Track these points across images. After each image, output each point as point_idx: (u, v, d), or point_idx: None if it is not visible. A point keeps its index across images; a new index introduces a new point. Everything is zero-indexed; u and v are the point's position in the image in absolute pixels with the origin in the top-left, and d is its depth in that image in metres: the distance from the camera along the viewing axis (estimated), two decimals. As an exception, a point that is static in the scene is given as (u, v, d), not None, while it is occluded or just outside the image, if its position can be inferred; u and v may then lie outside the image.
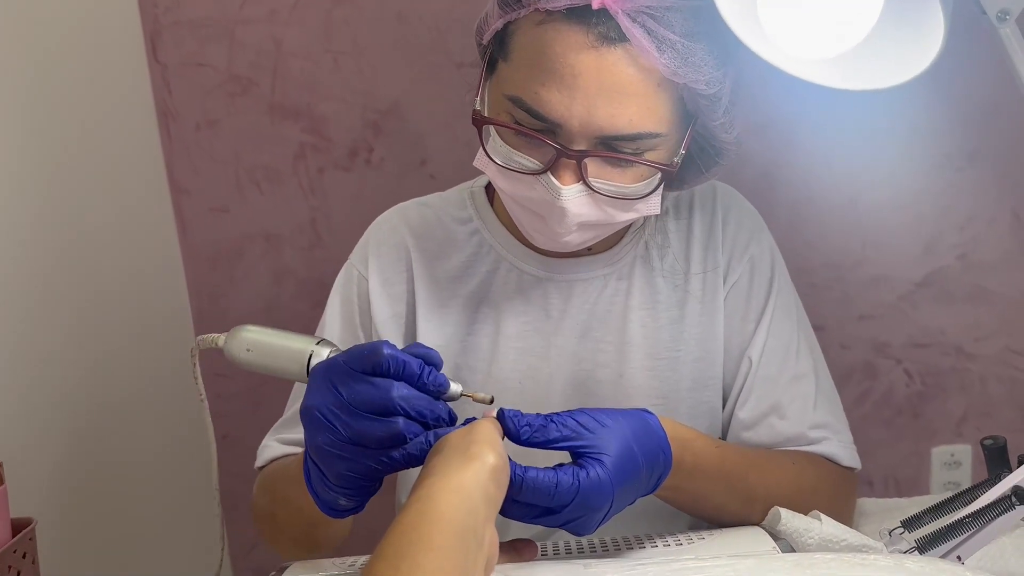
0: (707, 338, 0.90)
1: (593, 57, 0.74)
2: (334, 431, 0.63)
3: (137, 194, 1.33)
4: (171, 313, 1.40)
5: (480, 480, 0.58)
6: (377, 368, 0.64)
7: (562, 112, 0.74)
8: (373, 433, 0.63)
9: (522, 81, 0.76)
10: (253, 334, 0.69)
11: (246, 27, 1.34)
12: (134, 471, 1.26)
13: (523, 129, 0.77)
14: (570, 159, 0.76)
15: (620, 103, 0.74)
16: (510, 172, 0.79)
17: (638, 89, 0.74)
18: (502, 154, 0.79)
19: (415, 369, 0.64)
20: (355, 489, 0.66)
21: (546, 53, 0.75)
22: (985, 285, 1.44)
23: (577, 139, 0.76)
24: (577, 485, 0.63)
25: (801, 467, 0.86)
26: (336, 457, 0.64)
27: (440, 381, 0.66)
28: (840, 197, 1.41)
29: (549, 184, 0.77)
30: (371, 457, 0.64)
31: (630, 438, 0.67)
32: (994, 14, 0.59)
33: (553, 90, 0.74)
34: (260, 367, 0.69)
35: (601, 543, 0.73)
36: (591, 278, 0.90)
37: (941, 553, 0.68)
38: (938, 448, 1.52)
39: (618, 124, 0.75)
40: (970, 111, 1.37)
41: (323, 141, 1.39)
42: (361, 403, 0.63)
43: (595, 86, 0.74)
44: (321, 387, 0.64)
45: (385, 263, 0.92)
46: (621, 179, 0.78)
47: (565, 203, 0.77)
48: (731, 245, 0.91)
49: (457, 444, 0.60)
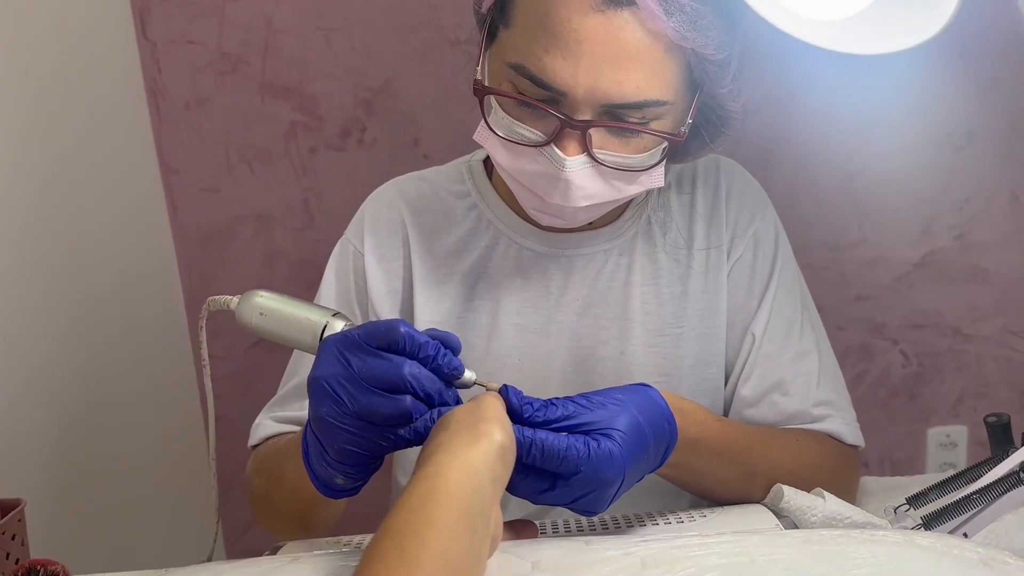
0: (710, 314, 0.89)
1: (599, 21, 0.72)
2: (340, 403, 0.62)
3: (127, 174, 1.31)
4: (162, 294, 1.39)
5: (488, 459, 0.56)
6: (393, 345, 0.62)
7: (567, 79, 0.73)
8: (380, 409, 0.62)
9: (524, 47, 0.74)
10: (267, 300, 0.68)
11: (236, 4, 1.31)
12: (127, 452, 1.24)
13: (526, 98, 0.75)
14: (574, 129, 0.74)
15: (627, 69, 0.72)
16: (512, 145, 0.77)
17: (645, 54, 0.72)
18: (504, 126, 0.78)
19: (430, 351, 0.63)
20: (354, 466, 0.64)
21: (550, 17, 0.73)
22: (983, 266, 1.44)
23: (582, 108, 0.74)
24: (588, 452, 0.62)
25: (805, 444, 0.85)
26: (339, 430, 0.63)
27: (455, 365, 0.64)
28: (837, 177, 1.40)
29: (553, 156, 0.75)
30: (375, 433, 0.62)
31: (635, 412, 0.66)
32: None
33: (557, 56, 0.72)
34: (270, 334, 0.68)
35: (601, 522, 0.72)
36: (592, 253, 0.89)
37: (947, 530, 0.67)
38: (934, 429, 1.52)
39: (625, 91, 0.73)
40: (969, 91, 1.36)
41: (315, 120, 1.37)
42: (371, 377, 0.62)
43: (601, 51, 0.72)
44: (330, 358, 0.63)
45: (381, 238, 0.91)
46: (626, 150, 0.76)
47: (569, 175, 0.75)
48: (735, 221, 0.90)
49: (464, 420, 0.59)
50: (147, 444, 1.29)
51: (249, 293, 0.69)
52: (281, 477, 0.79)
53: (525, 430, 0.62)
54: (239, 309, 0.68)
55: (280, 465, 0.80)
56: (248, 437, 0.93)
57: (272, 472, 0.83)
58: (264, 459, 0.87)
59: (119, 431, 1.23)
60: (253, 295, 0.68)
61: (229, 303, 0.69)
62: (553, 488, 0.63)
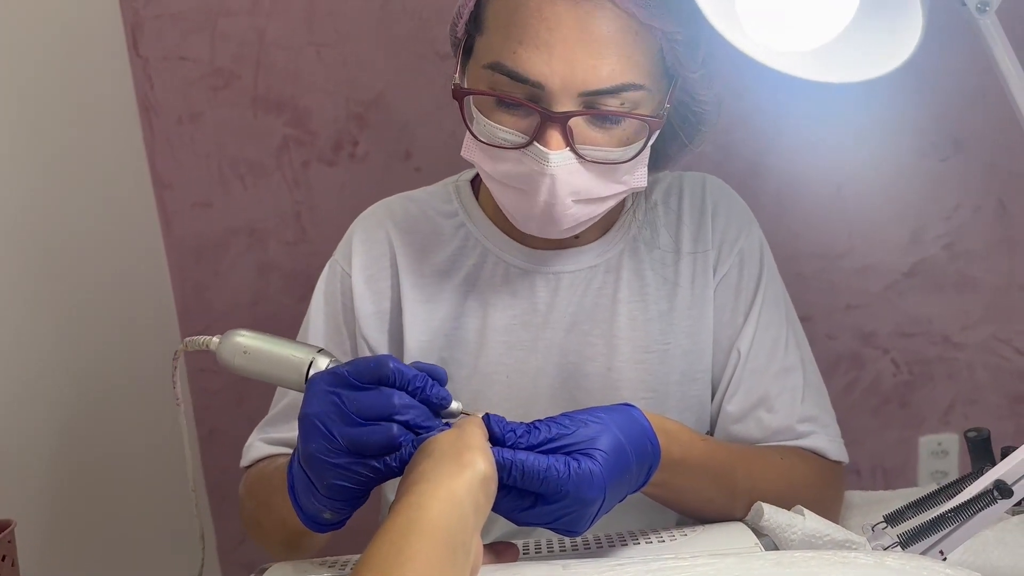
0: (696, 331, 0.90)
1: (569, 7, 0.73)
2: (330, 439, 0.63)
3: (119, 189, 1.32)
4: (155, 308, 1.40)
5: (471, 489, 0.57)
6: (383, 381, 0.64)
7: (542, 69, 0.74)
8: (369, 439, 0.62)
9: (499, 45, 0.76)
10: (249, 339, 0.68)
11: (228, 19, 1.32)
12: (118, 468, 1.25)
13: (504, 95, 0.76)
14: (555, 122, 0.75)
15: (600, 54, 0.73)
16: (497, 150, 0.78)
17: (617, 38, 0.74)
18: (487, 133, 0.78)
19: (419, 383, 0.65)
20: (343, 501, 0.65)
21: (520, 11, 0.74)
22: (971, 274, 1.45)
23: (560, 98, 0.75)
24: (568, 473, 0.62)
25: (789, 462, 0.86)
26: (329, 465, 0.64)
27: (443, 395, 0.66)
28: (826, 187, 1.41)
29: (536, 153, 0.76)
30: (364, 465, 0.63)
31: (617, 432, 0.66)
32: (974, 5, 0.58)
33: (531, 48, 0.74)
34: (254, 373, 0.69)
35: (584, 541, 0.73)
36: (579, 270, 0.90)
37: (924, 548, 0.68)
38: (925, 437, 1.53)
39: (600, 75, 0.74)
40: (955, 100, 1.37)
41: (307, 134, 1.38)
42: (361, 410, 0.63)
43: (574, 37, 0.73)
44: (320, 395, 0.64)
45: (369, 259, 0.92)
46: (607, 142, 0.77)
47: (554, 169, 0.76)
48: (720, 238, 0.91)
49: (447, 449, 0.59)
50: (140, 460, 1.30)
51: (230, 333, 0.69)
52: (269, 506, 0.80)
53: (505, 451, 0.63)
54: (220, 349, 0.69)
55: (268, 495, 0.81)
56: (240, 449, 0.94)
57: (261, 500, 0.84)
58: (254, 485, 0.88)
59: (112, 447, 1.24)
60: (234, 334, 0.69)
61: (208, 343, 0.70)
62: (534, 507, 0.64)
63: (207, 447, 1.47)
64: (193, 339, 0.71)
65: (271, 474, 0.83)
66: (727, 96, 1.31)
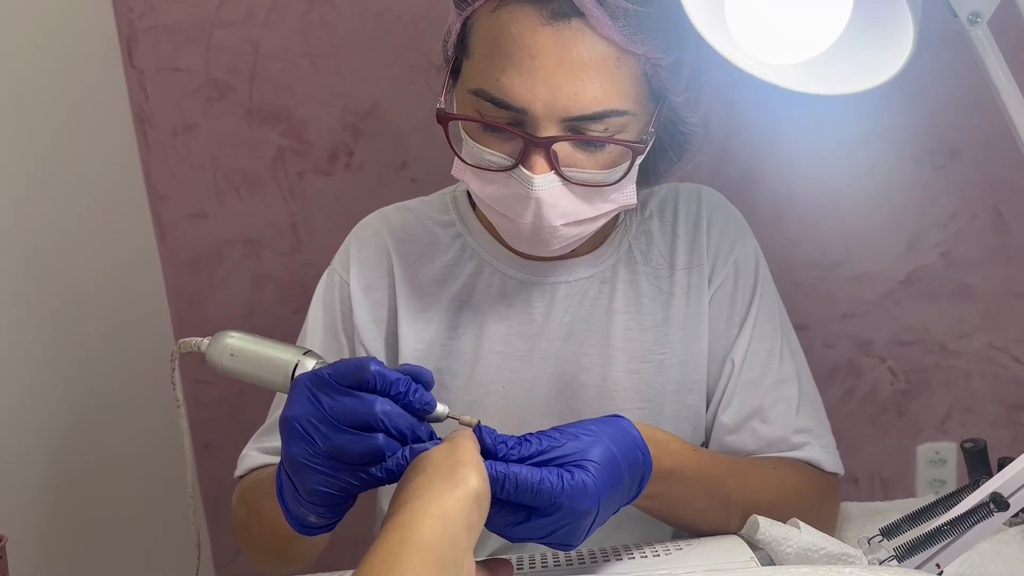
0: (691, 341, 0.90)
1: (549, 34, 0.73)
2: (311, 443, 0.62)
3: (115, 200, 1.31)
4: (151, 319, 1.39)
5: (464, 507, 0.56)
6: (363, 384, 0.63)
7: (525, 95, 0.74)
8: (352, 448, 0.62)
9: (483, 72, 0.76)
10: (237, 340, 0.67)
11: (222, 31, 1.32)
12: (114, 479, 1.25)
13: (489, 120, 0.76)
14: (539, 147, 0.75)
15: (582, 80, 0.74)
16: (484, 172, 0.79)
17: (598, 63, 0.74)
18: (473, 155, 0.79)
19: (402, 387, 0.63)
20: (326, 506, 0.65)
21: (503, 38, 0.75)
22: (968, 282, 1.45)
23: (544, 124, 0.75)
24: (562, 485, 0.62)
25: (783, 473, 0.85)
26: (310, 470, 0.63)
27: (426, 400, 0.64)
28: (822, 196, 1.40)
29: (521, 176, 0.76)
30: (347, 472, 0.63)
31: (609, 443, 0.66)
32: (965, 17, 0.58)
33: (514, 74, 0.74)
34: (242, 375, 0.68)
35: (578, 556, 0.73)
36: (574, 281, 0.90)
37: (920, 561, 0.68)
38: (923, 446, 1.52)
39: (583, 102, 0.74)
40: (951, 108, 1.37)
41: (302, 145, 1.37)
42: (342, 416, 0.62)
43: (555, 63, 0.73)
44: (302, 398, 0.63)
45: (366, 268, 0.92)
46: (593, 165, 0.77)
47: (539, 193, 0.76)
48: (716, 248, 0.91)
49: (441, 465, 0.59)
50: (136, 471, 1.30)
51: (219, 334, 0.68)
52: (259, 512, 0.80)
53: (498, 465, 0.62)
54: (209, 351, 0.68)
55: (258, 500, 0.81)
56: (235, 462, 0.94)
57: (251, 506, 0.83)
58: (245, 492, 0.87)
59: (108, 458, 1.23)
60: (223, 336, 0.68)
61: (199, 345, 0.69)
62: (528, 520, 0.63)
63: (202, 460, 1.47)
64: (186, 340, 0.70)
65: (262, 480, 0.83)
66: (722, 106, 1.33)
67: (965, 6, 0.58)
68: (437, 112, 0.80)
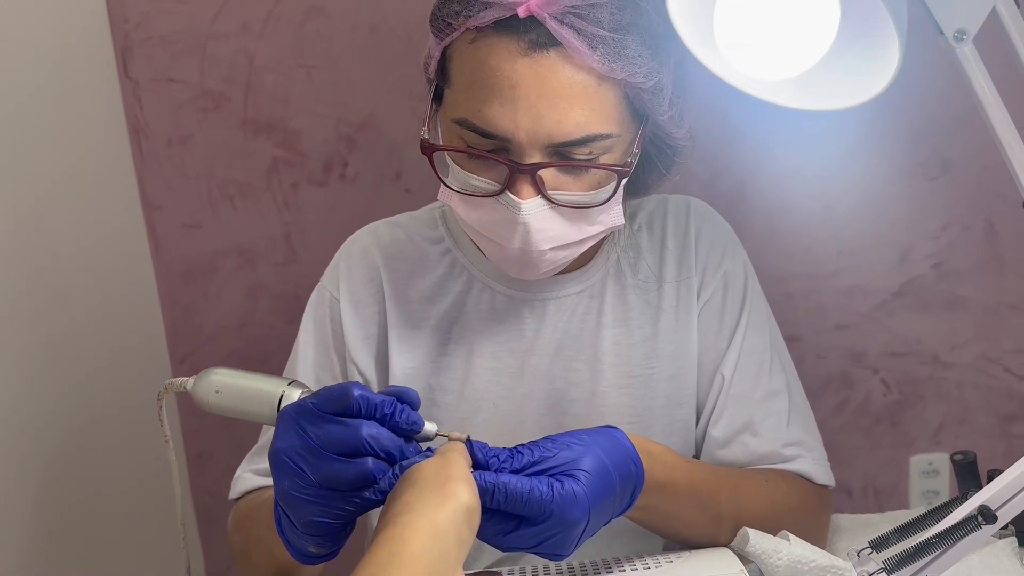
0: (681, 355, 0.90)
1: (528, 64, 0.74)
2: (301, 475, 0.62)
3: (109, 210, 1.32)
4: (144, 330, 1.39)
5: (455, 521, 0.56)
6: (348, 410, 0.63)
7: (507, 125, 0.74)
8: (341, 475, 0.62)
9: (465, 102, 0.76)
10: (221, 376, 0.67)
11: (218, 42, 1.33)
12: (107, 492, 1.24)
13: (474, 151, 0.77)
14: (524, 173, 0.76)
15: (564, 107, 0.74)
16: (470, 198, 0.79)
17: (578, 91, 0.74)
18: (460, 181, 0.79)
19: (387, 409, 0.63)
20: (324, 536, 0.65)
21: (482, 69, 0.75)
22: (960, 293, 1.45)
23: (528, 151, 0.75)
24: (551, 494, 0.62)
25: (774, 485, 0.85)
26: (304, 502, 0.63)
27: (413, 419, 0.64)
28: (815, 207, 1.41)
29: (508, 202, 0.77)
30: (340, 499, 0.63)
31: (600, 453, 0.66)
32: (951, 34, 0.59)
33: (495, 105, 0.74)
34: (229, 410, 0.68)
35: (569, 568, 0.73)
36: (564, 296, 0.90)
37: (909, 574, 0.68)
38: (916, 457, 1.52)
39: (566, 129, 0.74)
40: (943, 120, 1.38)
41: (297, 155, 1.38)
42: (329, 444, 0.62)
43: (535, 93, 0.74)
44: (288, 430, 0.63)
45: (356, 285, 0.92)
46: (579, 187, 0.78)
47: (527, 218, 0.76)
48: (704, 261, 0.91)
49: (431, 479, 0.59)
50: (129, 484, 1.29)
51: (204, 372, 0.68)
52: (258, 540, 0.80)
53: (488, 474, 0.62)
54: (195, 389, 0.68)
55: (257, 528, 0.81)
56: (229, 472, 0.94)
57: (250, 533, 0.83)
58: (243, 518, 0.87)
59: (100, 472, 1.23)
60: (208, 373, 0.68)
61: (185, 384, 0.69)
62: (518, 529, 0.64)
63: (195, 471, 1.47)
64: (172, 381, 0.70)
65: (259, 506, 0.83)
66: (714, 118, 1.33)
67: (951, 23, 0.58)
68: (421, 142, 0.80)
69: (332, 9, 1.32)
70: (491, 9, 0.74)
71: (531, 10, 0.72)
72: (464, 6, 0.75)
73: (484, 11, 0.74)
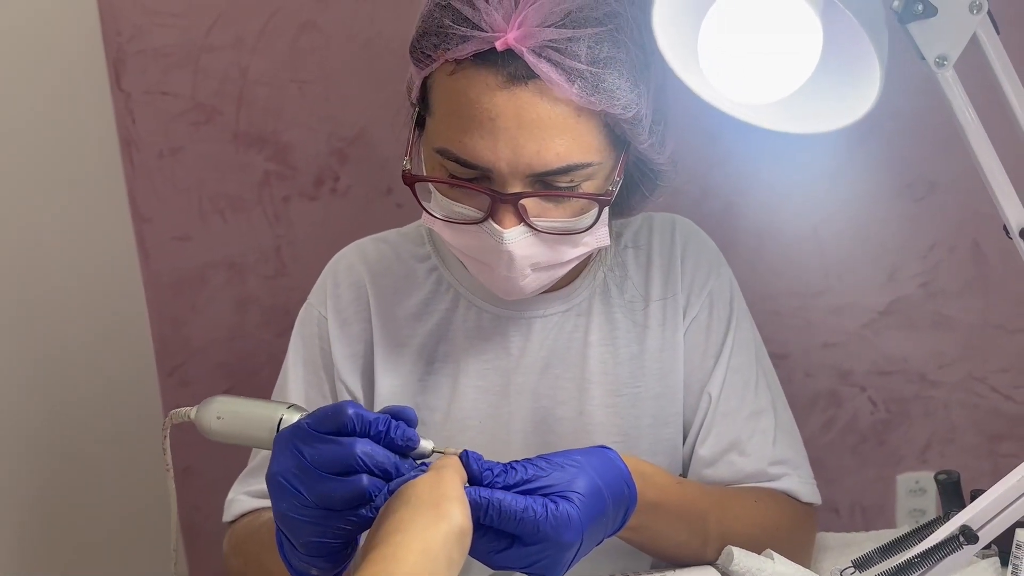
0: (667, 374, 0.90)
1: (506, 97, 0.74)
2: (298, 495, 0.62)
3: (99, 222, 1.32)
4: (133, 342, 1.39)
5: (447, 543, 0.56)
6: (342, 429, 0.63)
7: (488, 156, 0.75)
8: (336, 493, 0.62)
9: (446, 132, 0.77)
10: (223, 403, 0.68)
11: (210, 55, 1.33)
12: (94, 508, 1.24)
13: (456, 181, 0.77)
14: (506, 203, 0.76)
15: (543, 139, 0.74)
16: (454, 224, 0.79)
17: (558, 122, 0.74)
18: (443, 207, 0.80)
19: (381, 426, 0.64)
20: (325, 557, 0.64)
21: (461, 101, 0.75)
22: (947, 313, 1.46)
23: (510, 181, 0.76)
24: (546, 514, 0.62)
25: (763, 505, 0.86)
26: (302, 523, 0.63)
27: (409, 436, 0.65)
28: (803, 227, 1.42)
29: (491, 230, 0.77)
30: (338, 519, 0.63)
31: (594, 474, 0.66)
32: (932, 59, 0.60)
33: (475, 136, 0.74)
34: (231, 436, 0.68)
35: (553, 585, 0.72)
36: (550, 315, 0.90)
37: (891, 594, 0.68)
38: (903, 475, 1.53)
39: (546, 159, 0.75)
40: (930, 142, 1.39)
41: (288, 169, 1.38)
42: (324, 464, 0.62)
43: (515, 126, 0.74)
44: (284, 452, 0.63)
45: (343, 303, 0.92)
46: (562, 214, 0.78)
47: (510, 246, 0.77)
48: (690, 280, 0.92)
49: (425, 498, 0.59)
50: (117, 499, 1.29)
51: (206, 400, 0.69)
52: (260, 563, 0.80)
53: (482, 490, 0.62)
54: (198, 417, 0.69)
55: (257, 551, 0.81)
56: (215, 487, 0.93)
57: (249, 557, 0.83)
58: (242, 542, 0.87)
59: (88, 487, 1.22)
60: (209, 401, 0.69)
61: (189, 414, 0.70)
62: (510, 548, 0.63)
63: (181, 485, 1.45)
64: (177, 411, 0.71)
65: (257, 529, 0.83)
66: (704, 138, 1.34)
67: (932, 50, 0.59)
68: (403, 173, 0.80)
69: (326, 24, 1.33)
70: (469, 42, 0.74)
71: (509, 44, 0.73)
72: (443, 39, 0.75)
73: (462, 44, 0.74)
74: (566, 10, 0.73)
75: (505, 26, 0.73)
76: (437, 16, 0.76)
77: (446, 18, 0.75)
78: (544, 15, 0.73)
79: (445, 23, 0.75)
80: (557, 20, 0.73)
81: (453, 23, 0.74)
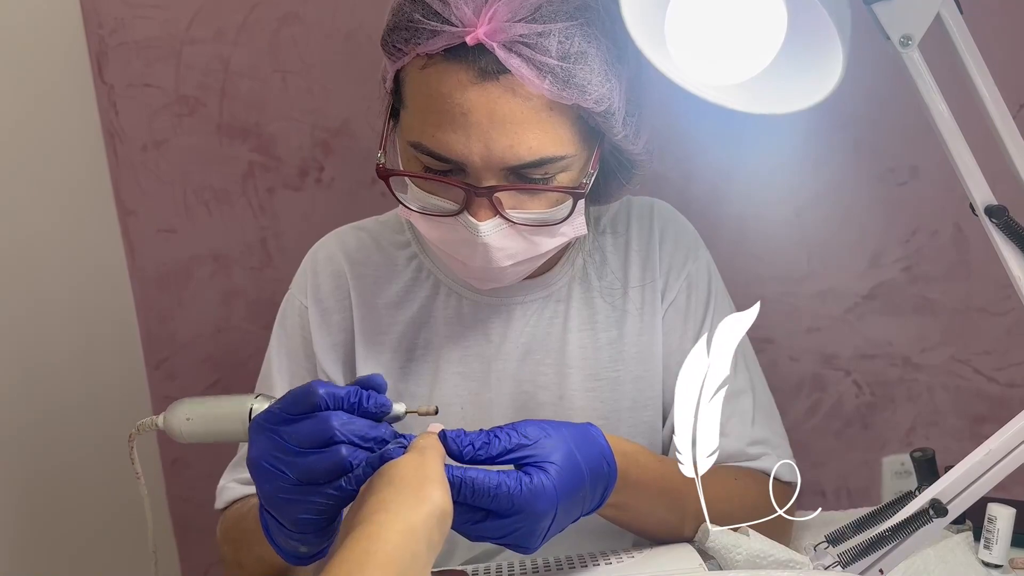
0: (646, 357, 0.91)
1: (478, 92, 0.74)
2: (281, 476, 0.63)
3: (84, 215, 1.32)
4: (119, 335, 1.39)
5: (428, 524, 0.57)
6: (315, 408, 0.64)
7: (461, 150, 0.75)
8: (317, 466, 0.63)
9: (419, 126, 0.77)
10: (189, 405, 0.69)
11: (193, 47, 1.33)
12: (81, 504, 1.24)
13: (430, 176, 0.78)
14: (480, 196, 0.76)
15: (515, 133, 0.74)
16: (430, 216, 0.80)
17: (529, 116, 0.75)
18: (419, 199, 0.80)
19: (352, 398, 0.65)
20: (313, 534, 0.65)
21: (434, 96, 0.75)
22: (930, 296, 1.47)
23: (484, 175, 0.76)
24: (520, 488, 0.63)
25: (742, 483, 0.87)
26: (288, 503, 0.64)
27: (381, 402, 0.66)
28: (787, 212, 1.43)
29: (467, 223, 0.77)
30: (321, 494, 0.63)
31: (572, 447, 0.67)
32: (897, 39, 0.60)
33: (448, 131, 0.75)
34: (204, 436, 0.69)
35: (532, 565, 0.74)
36: (530, 301, 0.91)
37: (863, 567, 0.69)
38: (888, 457, 1.54)
39: (519, 153, 0.75)
40: (911, 127, 1.39)
41: (272, 160, 1.38)
42: (302, 440, 0.63)
43: (486, 120, 0.74)
44: (261, 436, 0.64)
45: (323, 292, 0.92)
46: (537, 205, 0.78)
47: (486, 239, 0.77)
48: (668, 263, 0.92)
49: (409, 479, 0.59)
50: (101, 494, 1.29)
51: (172, 405, 0.70)
52: (249, 547, 0.80)
53: (455, 469, 0.63)
54: (167, 423, 0.69)
55: (246, 536, 0.81)
56: (205, 478, 0.94)
57: (239, 542, 0.84)
58: (231, 528, 0.87)
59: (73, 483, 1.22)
60: (176, 405, 0.70)
61: (157, 422, 0.70)
62: (485, 521, 0.65)
63: (171, 476, 1.47)
64: (143, 421, 0.72)
65: (245, 515, 0.83)
66: (687, 124, 1.35)
67: (896, 29, 0.60)
68: (377, 167, 0.80)
69: (307, 16, 1.33)
70: (440, 37, 0.74)
71: (479, 39, 0.73)
72: (413, 33, 0.75)
73: (433, 39, 0.74)
74: (536, 4, 0.73)
75: (475, 20, 0.73)
76: (407, 10, 0.76)
77: (416, 12, 0.75)
78: (514, 9, 0.73)
79: (415, 17, 0.75)
80: (527, 15, 0.73)
81: (423, 17, 0.74)
